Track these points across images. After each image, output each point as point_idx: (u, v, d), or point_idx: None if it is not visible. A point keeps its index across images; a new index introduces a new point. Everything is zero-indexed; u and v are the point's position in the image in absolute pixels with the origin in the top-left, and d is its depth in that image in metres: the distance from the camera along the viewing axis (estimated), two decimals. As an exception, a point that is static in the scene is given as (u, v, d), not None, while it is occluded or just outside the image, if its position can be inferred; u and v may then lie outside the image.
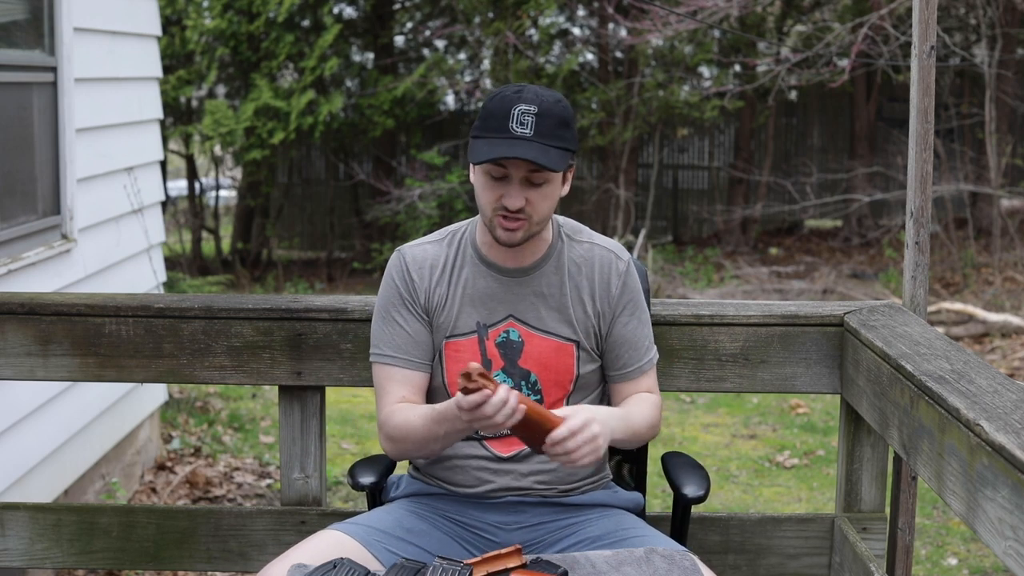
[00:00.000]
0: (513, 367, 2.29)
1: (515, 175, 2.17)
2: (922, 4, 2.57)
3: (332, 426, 6.28)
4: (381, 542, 2.22)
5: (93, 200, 4.78)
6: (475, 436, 2.30)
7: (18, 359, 2.74)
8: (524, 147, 2.13)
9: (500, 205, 2.19)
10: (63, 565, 2.86)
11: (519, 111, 2.14)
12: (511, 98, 2.17)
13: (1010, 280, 10.24)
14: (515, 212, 2.18)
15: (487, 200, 2.21)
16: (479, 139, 2.18)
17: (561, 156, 2.16)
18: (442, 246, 2.36)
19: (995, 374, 2.10)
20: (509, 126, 2.14)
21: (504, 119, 2.15)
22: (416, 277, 2.32)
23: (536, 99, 2.16)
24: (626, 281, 2.35)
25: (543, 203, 2.20)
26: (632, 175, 13.38)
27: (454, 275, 2.32)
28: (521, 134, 2.13)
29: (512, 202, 2.17)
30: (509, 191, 2.17)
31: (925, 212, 2.65)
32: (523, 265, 2.31)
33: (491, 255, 2.32)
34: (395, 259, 2.36)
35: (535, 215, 2.20)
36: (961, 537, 4.76)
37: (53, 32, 4.40)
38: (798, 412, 6.80)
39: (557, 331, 2.31)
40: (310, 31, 12.37)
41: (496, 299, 2.30)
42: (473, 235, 2.35)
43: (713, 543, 2.79)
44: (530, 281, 2.31)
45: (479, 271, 2.31)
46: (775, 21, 13.31)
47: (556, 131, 2.16)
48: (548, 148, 2.14)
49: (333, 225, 13.81)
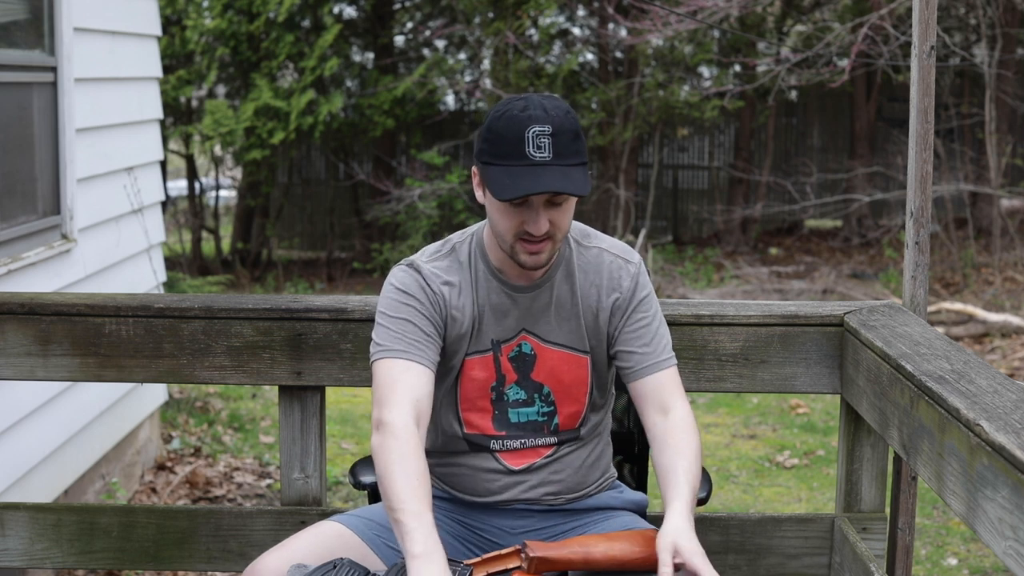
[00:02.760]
0: (526, 380, 2.26)
1: (536, 201, 2.08)
2: (922, 4, 2.57)
3: (332, 426, 6.28)
4: (380, 536, 2.20)
5: (93, 200, 4.78)
6: (488, 449, 2.27)
7: (18, 359, 2.73)
8: (549, 176, 2.05)
9: (523, 231, 2.11)
10: (63, 565, 2.86)
11: (534, 133, 2.05)
12: (521, 119, 2.07)
13: (1010, 280, 10.24)
14: (540, 236, 2.11)
15: (507, 228, 2.12)
16: (495, 167, 2.08)
17: (583, 174, 2.09)
18: (453, 262, 2.26)
19: (995, 374, 2.09)
20: (526, 151, 2.05)
21: (519, 144, 2.05)
22: (437, 291, 2.21)
23: (547, 116, 2.07)
24: (638, 281, 2.29)
25: (564, 220, 2.14)
26: (632, 175, 13.38)
27: (474, 292, 2.24)
28: (541, 159, 2.05)
29: (537, 228, 2.09)
30: (530, 217, 2.09)
31: (925, 212, 2.65)
32: (535, 280, 2.25)
33: (503, 271, 2.25)
34: (409, 274, 2.22)
35: (558, 234, 2.14)
36: (961, 537, 4.76)
37: (53, 32, 4.40)
38: (798, 412, 6.80)
39: (570, 343, 2.27)
40: (310, 31, 12.37)
41: (509, 314, 2.24)
42: (480, 248, 2.26)
43: (713, 543, 2.79)
44: (541, 294, 2.25)
45: (492, 286, 2.25)
46: (775, 21, 13.32)
47: (572, 147, 2.08)
48: (569, 169, 2.07)
49: (333, 225, 13.82)
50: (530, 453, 2.28)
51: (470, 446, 2.28)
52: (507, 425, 2.26)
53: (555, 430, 2.28)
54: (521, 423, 2.26)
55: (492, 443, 2.27)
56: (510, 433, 2.26)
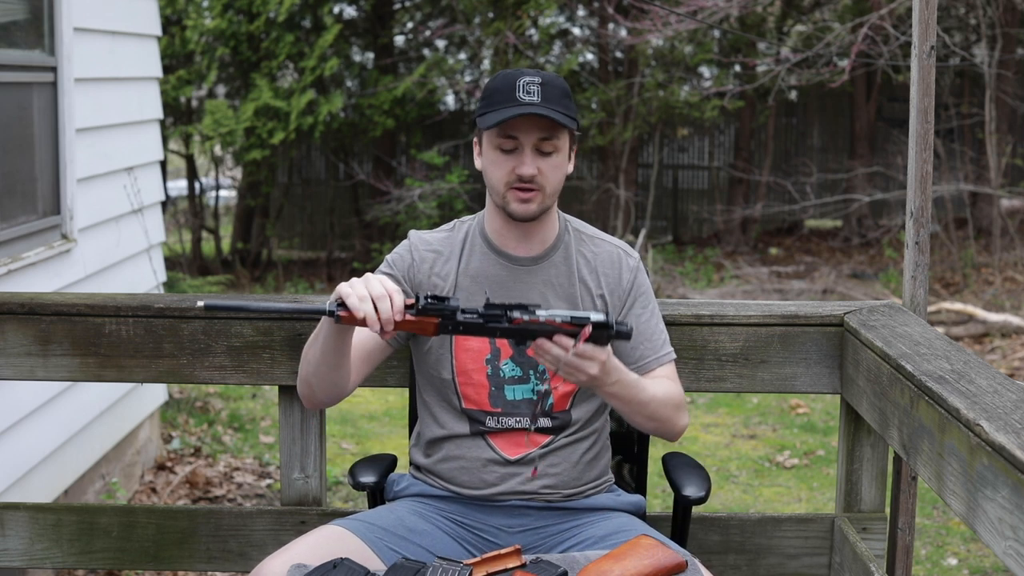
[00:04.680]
0: (522, 356, 2.29)
1: (526, 144, 2.22)
2: (922, 4, 2.57)
3: (332, 426, 6.28)
4: (382, 539, 2.22)
5: (93, 200, 4.78)
6: (484, 428, 2.31)
7: (18, 359, 2.73)
8: (534, 109, 2.18)
9: (513, 176, 2.23)
10: (63, 565, 2.86)
11: (524, 81, 2.21)
12: (514, 74, 2.23)
13: (1010, 280, 10.24)
14: (528, 181, 2.22)
15: (499, 175, 2.25)
16: (487, 114, 2.23)
17: (569, 120, 2.22)
18: (450, 234, 2.39)
19: (995, 374, 2.10)
20: (516, 96, 2.20)
21: (511, 91, 2.21)
22: (416, 258, 2.35)
23: (538, 74, 2.24)
24: (637, 276, 2.37)
25: (554, 173, 2.25)
26: (632, 175, 13.38)
27: (461, 262, 2.34)
28: (529, 101, 2.19)
29: (526, 169, 2.21)
30: (521, 160, 2.22)
31: (925, 212, 2.65)
32: (532, 254, 2.33)
33: (501, 242, 2.33)
34: (403, 244, 2.40)
35: (547, 185, 2.25)
36: (961, 537, 4.76)
37: (53, 32, 4.40)
38: (798, 412, 6.80)
39: None
40: (310, 31, 12.37)
41: (505, 286, 2.32)
42: (481, 224, 2.37)
43: (713, 543, 2.79)
44: (539, 271, 2.33)
45: (488, 259, 2.33)
46: (775, 21, 13.31)
47: (562, 100, 2.22)
48: (556, 112, 2.20)
49: (333, 225, 13.81)
50: (524, 441, 2.30)
51: (470, 421, 2.31)
52: (503, 402, 2.30)
53: (549, 410, 2.31)
54: (517, 400, 2.30)
55: (488, 419, 2.30)
56: (506, 410, 2.30)
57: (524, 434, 2.31)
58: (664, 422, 2.30)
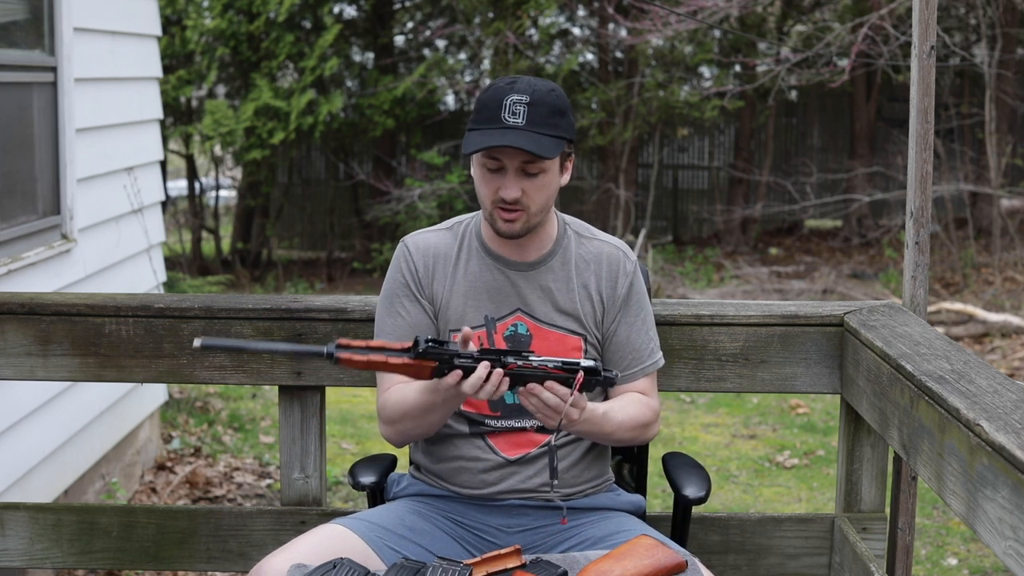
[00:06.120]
0: None
1: (510, 166, 2.19)
2: (922, 4, 2.57)
3: (332, 426, 6.28)
4: (383, 539, 2.22)
5: (93, 200, 4.78)
6: (483, 429, 2.31)
7: (18, 359, 2.73)
8: (514, 136, 2.15)
9: (498, 197, 2.21)
10: (63, 565, 2.86)
11: (511, 101, 2.17)
12: (503, 89, 2.19)
13: (1010, 280, 10.24)
14: (511, 203, 2.20)
15: (485, 193, 2.24)
16: (473, 131, 2.20)
17: (554, 144, 2.18)
18: (448, 236, 2.37)
19: (995, 374, 2.10)
20: (501, 116, 2.16)
21: (496, 110, 2.17)
22: (420, 266, 2.33)
23: (528, 89, 2.18)
24: (633, 282, 2.37)
25: (538, 193, 2.22)
26: (632, 175, 13.38)
27: (459, 267, 2.33)
28: (513, 124, 2.16)
29: (508, 193, 2.19)
30: (505, 183, 2.20)
31: (925, 212, 2.65)
32: (529, 259, 2.33)
33: (497, 248, 2.33)
34: (400, 249, 2.38)
35: (532, 206, 2.22)
36: (961, 537, 4.76)
37: (53, 32, 4.39)
38: (798, 412, 6.80)
39: (565, 325, 2.32)
40: (310, 31, 12.37)
41: (504, 292, 2.32)
42: (478, 227, 2.37)
43: (713, 543, 2.79)
44: (537, 275, 2.32)
45: (486, 264, 2.33)
46: (775, 21, 13.31)
47: (549, 120, 2.18)
48: (540, 137, 2.16)
49: (333, 225, 13.81)
50: (524, 441, 2.30)
51: (469, 424, 2.31)
52: (502, 405, 2.30)
53: None
54: (517, 403, 2.29)
55: (487, 421, 2.30)
56: (505, 413, 2.30)
57: (524, 434, 2.31)
58: (629, 442, 2.35)
